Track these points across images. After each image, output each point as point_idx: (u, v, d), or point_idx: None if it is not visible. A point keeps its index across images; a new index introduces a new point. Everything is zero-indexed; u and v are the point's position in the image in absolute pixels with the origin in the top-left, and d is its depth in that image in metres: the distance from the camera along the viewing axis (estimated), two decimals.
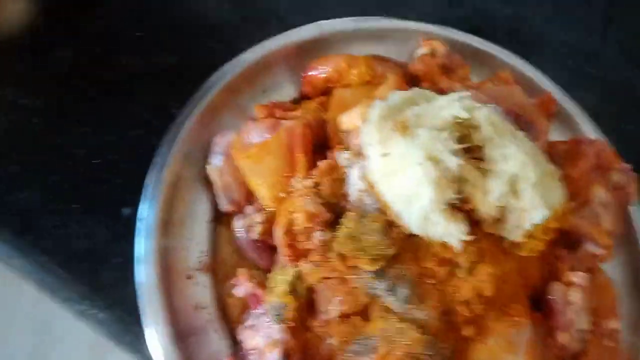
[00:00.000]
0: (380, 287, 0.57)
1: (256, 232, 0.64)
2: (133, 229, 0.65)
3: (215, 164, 0.68)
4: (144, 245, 0.64)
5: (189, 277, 0.65)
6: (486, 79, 0.77)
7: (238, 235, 0.67)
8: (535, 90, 0.80)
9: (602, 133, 0.79)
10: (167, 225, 0.65)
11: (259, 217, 0.65)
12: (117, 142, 0.74)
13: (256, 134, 0.67)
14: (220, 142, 0.69)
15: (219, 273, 0.67)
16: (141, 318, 0.61)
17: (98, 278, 0.67)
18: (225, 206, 0.68)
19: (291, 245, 0.60)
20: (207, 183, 0.69)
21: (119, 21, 0.81)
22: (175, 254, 0.65)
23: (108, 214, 0.70)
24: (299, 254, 0.60)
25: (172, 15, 0.83)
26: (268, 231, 0.64)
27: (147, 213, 0.65)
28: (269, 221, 0.64)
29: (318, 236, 0.59)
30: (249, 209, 0.67)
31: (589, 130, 0.80)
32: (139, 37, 0.81)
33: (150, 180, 0.66)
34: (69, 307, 0.66)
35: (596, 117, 0.81)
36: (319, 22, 0.78)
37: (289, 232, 0.60)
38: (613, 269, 0.72)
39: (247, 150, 0.65)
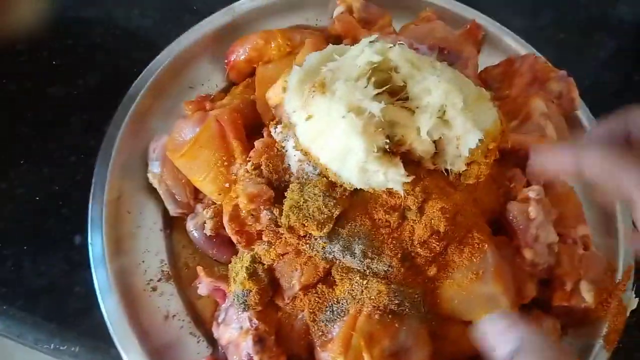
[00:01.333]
0: (335, 249, 0.55)
1: (209, 228, 0.63)
2: (88, 255, 0.64)
3: (155, 171, 0.67)
4: (100, 271, 0.62)
5: (153, 289, 0.63)
6: (408, 23, 0.75)
7: (193, 235, 0.65)
8: (463, 21, 0.78)
9: (533, 48, 0.78)
10: (119, 243, 0.64)
11: (209, 213, 0.63)
12: (56, 172, 0.72)
13: (188, 130, 0.65)
14: (156, 147, 0.68)
15: (183, 278, 0.66)
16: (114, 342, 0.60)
17: (64, 312, 0.65)
18: (174, 210, 0.66)
19: (240, 231, 0.59)
20: (152, 191, 0.67)
21: (31, 55, 0.79)
22: (134, 269, 0.64)
23: (61, 246, 0.68)
24: (251, 238, 0.59)
25: (85, 36, 0.81)
26: (221, 224, 0.62)
27: (95, 236, 0.63)
28: (220, 214, 0.63)
29: (265, 215, 0.58)
30: (199, 207, 0.66)
31: (519, 48, 0.78)
32: (57, 65, 0.79)
33: (92, 202, 0.64)
34: (42, 349, 0.64)
35: (527, 35, 0.79)
36: (231, 6, 0.76)
37: (236, 218, 0.59)
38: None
39: (181, 149, 0.64)
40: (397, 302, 0.54)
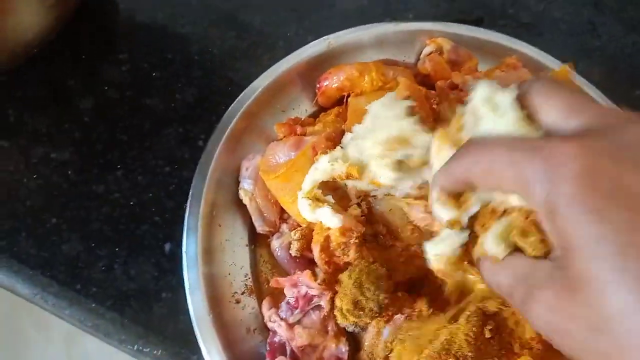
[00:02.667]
0: None
1: (294, 250, 0.66)
2: (177, 263, 0.67)
3: (246, 188, 0.70)
4: (192, 274, 0.65)
5: (237, 302, 0.66)
6: (493, 67, 0.78)
7: (277, 253, 0.69)
8: (543, 70, 0.81)
9: (613, 103, 0.80)
10: (210, 254, 0.67)
11: (296, 234, 0.66)
12: (150, 180, 0.76)
13: (282, 153, 0.69)
14: (249, 165, 0.71)
15: (264, 293, 0.69)
16: (199, 344, 0.63)
17: (150, 316, 0.69)
18: (261, 228, 0.69)
19: (329, 262, 0.62)
20: (241, 207, 0.71)
21: (132, 65, 0.84)
22: (221, 281, 0.67)
23: (151, 252, 0.72)
24: (338, 269, 0.62)
25: (182, 52, 0.85)
26: (306, 246, 0.65)
27: (190, 245, 0.67)
28: (306, 237, 0.66)
29: (354, 252, 0.60)
30: (284, 227, 0.69)
31: (600, 101, 0.80)
32: (157, 77, 0.83)
33: (188, 213, 0.68)
34: (124, 349, 0.67)
35: (604, 87, 0.81)
36: (325, 37, 0.79)
37: (326, 248, 0.62)
38: None
39: (276, 171, 0.67)
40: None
